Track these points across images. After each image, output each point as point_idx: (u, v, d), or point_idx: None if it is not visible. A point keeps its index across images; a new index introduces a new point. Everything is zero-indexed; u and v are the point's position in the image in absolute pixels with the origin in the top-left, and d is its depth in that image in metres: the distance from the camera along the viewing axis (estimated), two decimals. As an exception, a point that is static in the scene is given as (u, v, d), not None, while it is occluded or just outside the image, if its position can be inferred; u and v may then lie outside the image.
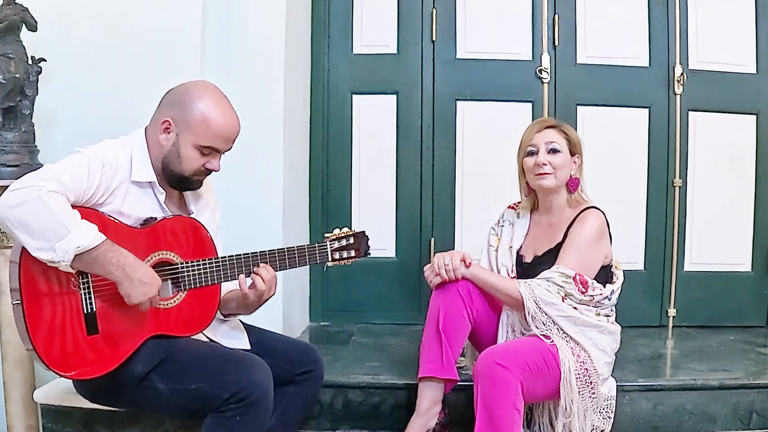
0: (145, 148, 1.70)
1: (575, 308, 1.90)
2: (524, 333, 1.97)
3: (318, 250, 1.80)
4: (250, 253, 1.73)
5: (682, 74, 2.86)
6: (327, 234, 1.85)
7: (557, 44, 2.89)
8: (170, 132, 1.67)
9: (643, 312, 2.92)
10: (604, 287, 1.96)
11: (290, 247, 1.77)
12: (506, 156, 2.21)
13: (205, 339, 1.80)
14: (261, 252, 1.74)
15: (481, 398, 1.78)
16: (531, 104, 2.91)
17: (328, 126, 2.96)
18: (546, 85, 2.90)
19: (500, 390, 1.75)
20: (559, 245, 1.99)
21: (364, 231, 1.89)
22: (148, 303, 1.57)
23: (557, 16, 2.88)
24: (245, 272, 1.73)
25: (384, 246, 2.94)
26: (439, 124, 2.95)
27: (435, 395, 1.97)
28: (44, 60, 2.25)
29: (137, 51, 2.41)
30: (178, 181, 1.72)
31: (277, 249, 1.76)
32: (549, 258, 1.99)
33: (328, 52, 2.95)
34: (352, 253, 1.85)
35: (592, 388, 1.90)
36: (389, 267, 2.97)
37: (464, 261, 1.98)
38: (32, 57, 2.24)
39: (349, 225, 1.91)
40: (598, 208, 2.02)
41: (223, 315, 1.86)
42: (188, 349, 1.67)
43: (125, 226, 1.62)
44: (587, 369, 1.89)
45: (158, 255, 1.66)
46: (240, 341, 1.84)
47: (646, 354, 2.52)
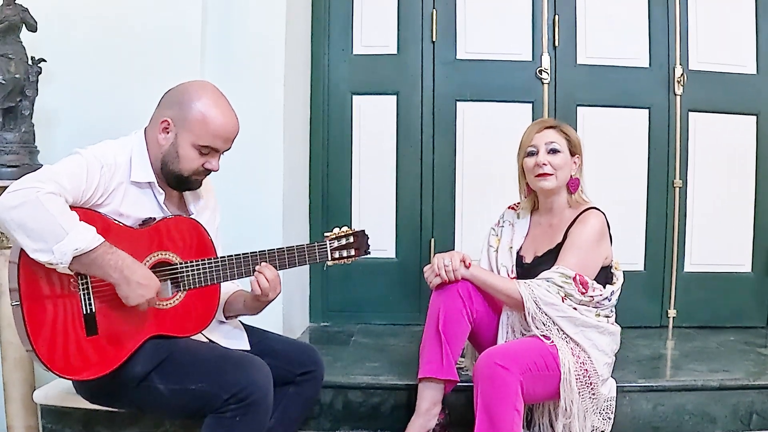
0: (145, 149, 1.69)
1: (575, 309, 1.90)
2: (524, 333, 1.97)
3: (318, 250, 1.80)
4: (249, 253, 1.73)
5: (683, 75, 2.86)
6: (327, 233, 1.84)
7: (557, 45, 2.89)
8: (169, 132, 1.67)
9: (643, 313, 2.92)
10: (604, 288, 1.96)
11: (290, 247, 1.77)
12: (506, 156, 2.21)
13: (205, 339, 1.80)
14: (260, 252, 1.74)
15: (481, 399, 1.78)
16: (531, 105, 2.91)
17: (328, 126, 2.96)
18: (546, 86, 2.90)
19: (500, 391, 1.75)
20: (560, 246, 1.99)
21: (364, 230, 1.89)
22: (147, 304, 1.57)
23: (557, 17, 2.88)
24: (245, 272, 1.73)
25: (384, 246, 2.94)
26: (439, 125, 2.95)
27: (435, 396, 1.97)
28: (44, 60, 2.25)
29: (137, 51, 2.41)
30: (177, 181, 1.72)
31: (277, 248, 1.76)
32: (549, 259, 1.99)
33: (328, 53, 2.95)
34: (352, 252, 1.84)
35: (592, 389, 1.90)
36: (389, 267, 2.97)
37: (464, 262, 1.97)
38: (32, 57, 2.23)
39: (349, 225, 1.91)
40: (599, 209, 2.02)
41: (226, 317, 1.86)
42: (188, 350, 1.67)
43: (124, 227, 1.62)
44: (587, 370, 1.89)
45: (157, 255, 1.66)
46: (240, 342, 1.84)
47: (646, 355, 2.51)
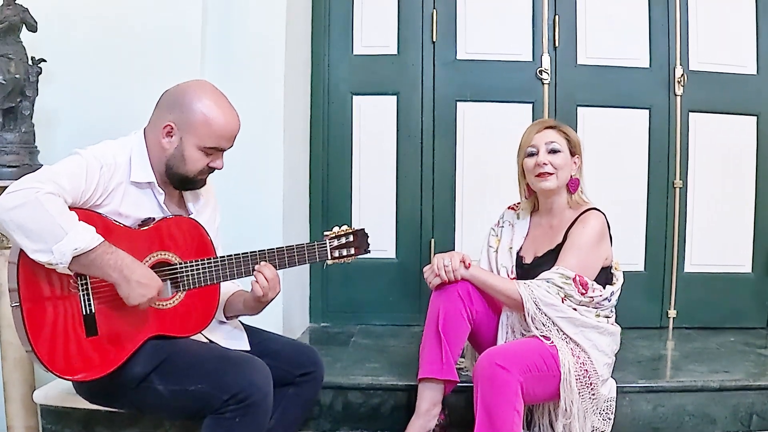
0: (144, 149, 1.69)
1: (575, 309, 1.90)
2: (524, 334, 1.97)
3: (317, 249, 1.80)
4: (249, 253, 1.73)
5: (683, 75, 2.86)
6: (326, 232, 1.84)
7: (558, 45, 2.89)
8: (173, 135, 1.67)
9: (644, 313, 2.91)
10: (604, 288, 1.96)
11: (289, 246, 1.76)
12: (506, 157, 2.21)
13: (205, 340, 1.80)
14: (260, 251, 1.74)
15: (481, 399, 1.78)
16: (531, 105, 2.91)
17: (329, 127, 2.96)
18: (546, 86, 2.89)
19: (500, 391, 1.75)
20: (560, 246, 1.99)
21: (364, 228, 1.88)
22: (147, 304, 1.57)
23: (557, 17, 2.88)
24: (244, 272, 1.72)
25: (384, 247, 2.94)
26: (440, 125, 2.94)
27: (435, 396, 1.97)
28: (44, 60, 2.25)
29: (137, 51, 2.41)
30: (183, 182, 1.72)
31: (276, 248, 1.75)
32: (549, 259, 1.98)
33: (329, 53, 2.95)
34: (352, 251, 1.84)
35: (592, 390, 1.90)
36: (389, 268, 2.97)
37: (464, 262, 1.97)
38: (32, 58, 2.23)
39: (349, 225, 1.90)
40: (599, 210, 2.01)
41: (226, 317, 1.85)
42: (188, 351, 1.67)
43: (124, 227, 1.62)
44: (587, 370, 1.89)
45: (157, 255, 1.65)
46: (240, 342, 1.84)
47: (647, 355, 2.51)
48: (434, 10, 2.91)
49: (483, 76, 2.92)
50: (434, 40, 2.92)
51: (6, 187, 1.50)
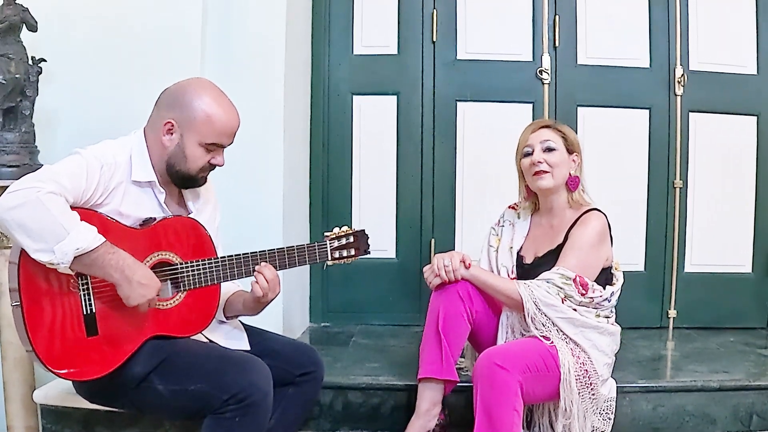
0: (145, 148, 1.69)
1: (575, 310, 1.90)
2: (524, 334, 1.97)
3: (318, 249, 1.80)
4: (250, 253, 1.73)
5: (683, 75, 2.86)
6: (327, 233, 1.84)
7: (558, 45, 2.89)
8: (173, 133, 1.67)
9: (644, 313, 2.91)
10: (604, 289, 1.96)
11: (290, 247, 1.77)
12: (506, 157, 2.21)
13: (205, 340, 1.80)
14: (260, 252, 1.74)
15: (481, 399, 1.78)
16: (531, 105, 2.91)
17: (329, 127, 2.96)
18: (546, 86, 2.89)
19: (499, 391, 1.75)
20: (560, 247, 1.99)
21: (364, 230, 1.89)
22: (147, 304, 1.57)
23: (558, 17, 2.88)
24: (245, 272, 1.72)
25: (384, 247, 2.94)
26: (440, 125, 2.94)
27: (435, 396, 1.97)
28: (44, 60, 2.25)
29: (137, 51, 2.41)
30: (184, 180, 1.72)
31: (277, 248, 1.75)
32: (549, 259, 1.98)
33: (329, 53, 2.95)
34: (352, 252, 1.84)
35: (592, 390, 1.90)
36: (389, 268, 2.97)
37: (464, 262, 1.97)
38: (32, 57, 2.24)
39: (349, 225, 1.91)
40: (600, 210, 2.01)
41: (226, 317, 1.85)
42: (188, 351, 1.67)
43: (124, 227, 1.62)
44: (587, 370, 1.89)
45: (157, 255, 1.65)
46: (240, 342, 1.84)
47: (647, 355, 2.51)
48: (434, 10, 2.91)
49: (483, 76, 2.92)
50: (434, 40, 2.92)
51: (6, 187, 1.50)
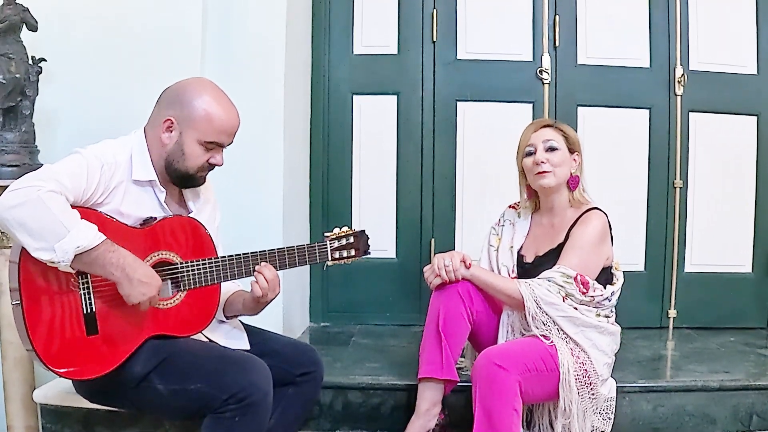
0: (145, 148, 1.69)
1: (575, 309, 1.90)
2: (524, 333, 1.97)
3: (318, 250, 1.80)
4: (250, 253, 1.73)
5: (683, 75, 2.86)
6: (327, 233, 1.84)
7: (558, 45, 2.89)
8: (173, 131, 1.67)
9: (644, 313, 2.91)
10: (605, 288, 1.96)
11: (290, 247, 1.76)
12: (507, 157, 2.21)
13: (205, 339, 1.80)
14: (261, 252, 1.74)
15: (480, 399, 1.78)
16: (532, 105, 2.91)
17: (329, 126, 2.96)
18: (547, 86, 2.89)
19: (498, 391, 1.75)
20: (561, 246, 1.99)
21: (364, 230, 1.89)
22: (148, 303, 1.57)
23: (558, 17, 2.88)
24: (245, 272, 1.73)
25: (384, 247, 2.94)
26: (440, 125, 2.94)
27: (435, 396, 1.97)
28: (45, 60, 2.25)
29: (137, 51, 2.41)
30: (183, 179, 1.72)
31: (277, 248, 1.75)
32: (550, 258, 1.98)
33: (329, 53, 2.95)
34: (352, 253, 1.84)
35: (592, 389, 1.90)
36: (389, 268, 2.97)
37: (464, 262, 1.97)
38: (33, 57, 2.24)
39: (350, 225, 1.91)
40: (601, 210, 2.01)
41: (226, 317, 1.85)
42: (188, 350, 1.67)
43: (125, 226, 1.62)
44: (587, 370, 1.89)
45: (158, 255, 1.65)
46: (240, 342, 1.84)
47: (647, 355, 2.51)
48: (434, 10, 2.91)
49: (483, 76, 2.92)
50: (434, 40, 2.92)
51: (6, 187, 1.50)
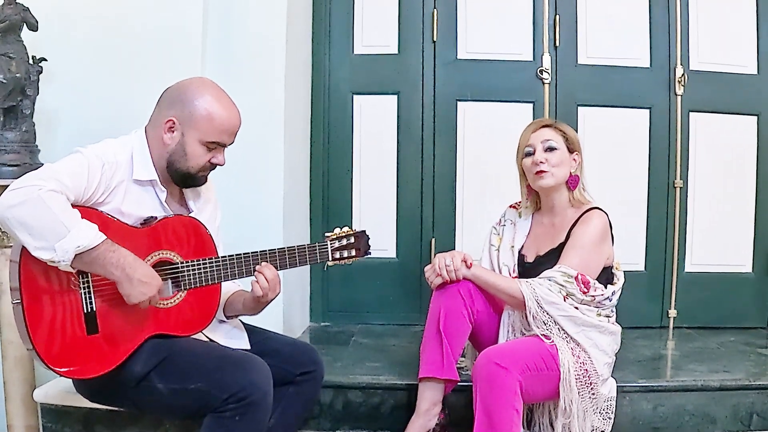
0: (146, 147, 1.70)
1: (576, 308, 1.90)
2: (525, 333, 1.97)
3: (318, 250, 1.80)
4: (251, 253, 1.73)
5: (683, 75, 2.86)
6: (327, 233, 1.84)
7: (558, 45, 2.89)
8: (174, 131, 1.67)
9: (644, 313, 2.91)
10: (605, 288, 1.96)
11: (290, 247, 1.77)
12: (507, 156, 2.21)
13: (205, 339, 1.80)
14: (261, 251, 1.74)
15: (480, 399, 1.78)
16: (532, 105, 2.91)
17: (329, 126, 2.96)
18: (547, 86, 2.90)
19: (499, 390, 1.75)
20: (562, 245, 1.99)
21: (365, 230, 1.89)
22: (148, 302, 1.57)
23: (558, 17, 2.88)
24: (245, 272, 1.73)
25: (384, 246, 2.94)
26: (440, 125, 2.95)
27: (435, 396, 1.97)
28: (45, 60, 2.25)
29: (137, 51, 2.41)
30: (184, 179, 1.72)
31: (278, 248, 1.75)
32: (551, 258, 1.98)
33: (329, 53, 2.95)
34: (353, 253, 1.84)
35: (592, 389, 1.90)
36: (390, 267, 2.97)
37: (465, 261, 1.97)
38: (33, 57, 2.24)
39: (350, 225, 1.91)
40: (602, 209, 2.01)
41: (226, 316, 1.85)
42: (188, 350, 1.67)
43: (125, 226, 1.62)
44: (587, 370, 1.89)
45: (158, 254, 1.66)
46: (240, 341, 1.84)
47: (647, 355, 2.51)
48: (435, 10, 2.91)
49: (483, 76, 2.92)
50: (435, 40, 2.92)
51: (7, 186, 1.50)
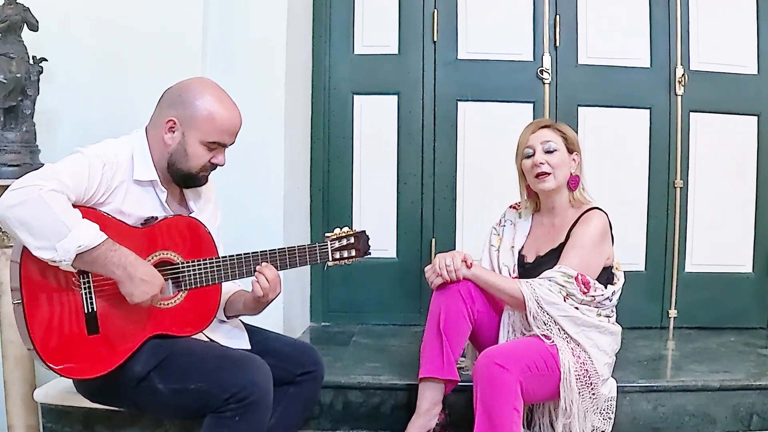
0: (146, 147, 1.70)
1: (576, 308, 1.90)
2: (525, 333, 1.97)
3: (318, 250, 1.80)
4: (251, 253, 1.73)
5: (683, 75, 2.86)
6: (327, 233, 1.84)
7: (558, 45, 2.89)
8: (175, 131, 1.67)
9: (644, 313, 2.91)
10: (606, 288, 1.96)
11: (291, 247, 1.77)
12: (507, 157, 2.21)
13: (206, 339, 1.80)
14: (261, 252, 1.74)
15: (480, 399, 1.78)
16: (532, 105, 2.91)
17: (329, 126, 2.96)
18: (547, 86, 2.90)
19: (499, 391, 1.75)
20: (562, 245, 1.99)
21: (365, 231, 1.89)
22: (150, 302, 1.58)
23: (558, 17, 2.88)
24: (246, 272, 1.73)
25: (385, 246, 2.94)
26: (440, 125, 2.95)
27: (435, 396, 1.97)
28: (45, 60, 2.25)
29: (138, 51, 2.41)
30: (185, 179, 1.72)
31: (278, 249, 1.76)
32: (551, 258, 1.98)
33: (330, 53, 2.95)
34: (353, 253, 1.84)
35: (593, 389, 1.90)
36: (390, 268, 2.97)
37: (465, 261, 1.97)
38: (33, 57, 2.24)
39: (350, 225, 1.91)
40: (601, 209, 2.01)
41: (227, 316, 1.86)
42: (188, 350, 1.67)
43: (126, 226, 1.62)
44: (587, 370, 1.89)
45: (159, 255, 1.66)
46: (240, 341, 1.84)
47: (647, 355, 2.51)
48: (435, 10, 2.91)
49: (484, 76, 2.92)
50: (435, 40, 2.92)
51: (7, 186, 1.50)
